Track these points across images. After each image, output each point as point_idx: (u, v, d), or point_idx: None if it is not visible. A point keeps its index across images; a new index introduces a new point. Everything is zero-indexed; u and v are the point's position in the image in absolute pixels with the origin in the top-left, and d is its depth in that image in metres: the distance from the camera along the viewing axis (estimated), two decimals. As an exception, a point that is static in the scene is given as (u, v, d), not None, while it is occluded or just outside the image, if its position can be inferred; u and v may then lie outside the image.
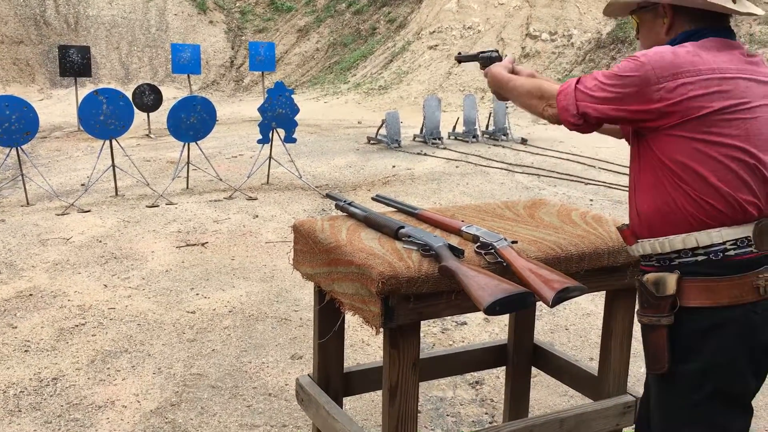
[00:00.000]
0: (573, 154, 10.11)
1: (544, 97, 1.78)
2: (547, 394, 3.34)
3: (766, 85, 1.64)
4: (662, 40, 1.73)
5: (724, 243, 1.59)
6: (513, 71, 1.98)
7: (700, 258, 1.61)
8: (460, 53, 2.45)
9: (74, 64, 13.45)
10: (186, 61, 14.32)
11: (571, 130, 1.74)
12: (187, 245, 5.74)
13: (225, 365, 3.61)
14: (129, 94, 10.56)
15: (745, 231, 1.60)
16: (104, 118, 7.14)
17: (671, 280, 1.62)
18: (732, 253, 1.59)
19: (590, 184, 8.25)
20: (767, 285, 1.60)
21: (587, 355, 3.77)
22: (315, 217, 6.23)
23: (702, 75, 1.57)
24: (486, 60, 2.15)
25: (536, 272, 1.74)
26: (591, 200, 7.43)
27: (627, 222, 1.80)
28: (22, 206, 7.07)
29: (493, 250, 1.89)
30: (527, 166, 9.41)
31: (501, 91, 1.96)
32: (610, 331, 2.28)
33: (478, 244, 1.94)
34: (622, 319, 2.25)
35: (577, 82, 1.70)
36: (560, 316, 4.33)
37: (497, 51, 2.16)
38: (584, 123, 1.69)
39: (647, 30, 1.78)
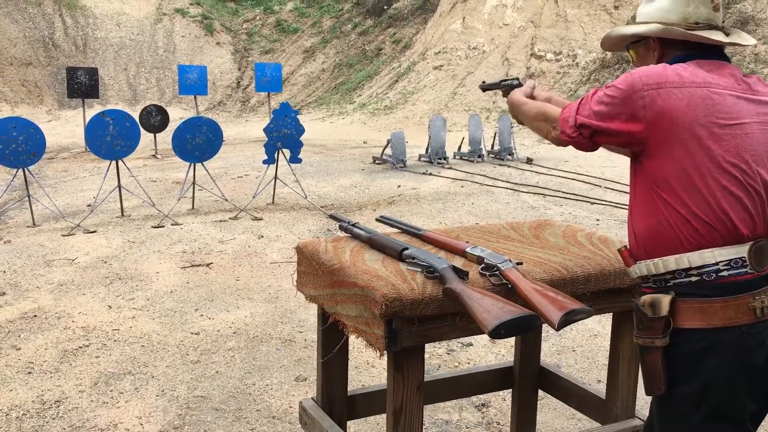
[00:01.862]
0: (579, 174, 10.09)
1: (548, 119, 1.80)
2: (554, 417, 3.30)
3: (758, 104, 1.65)
4: None
5: (717, 263, 1.58)
6: (531, 96, 2.01)
7: (693, 279, 1.59)
8: (484, 82, 2.49)
9: (82, 85, 13.58)
10: (193, 82, 14.42)
11: (567, 144, 1.74)
12: (192, 266, 5.73)
13: (229, 387, 3.58)
14: (136, 115, 10.63)
15: (740, 251, 1.58)
16: (111, 139, 7.17)
17: (665, 301, 1.60)
18: (725, 273, 1.58)
19: (596, 203, 8.22)
20: (763, 306, 1.58)
21: (595, 378, 3.73)
22: (320, 237, 6.21)
23: (686, 86, 1.59)
24: (507, 87, 2.18)
25: (542, 294, 1.72)
26: (597, 220, 7.40)
27: (626, 243, 1.80)
28: (28, 227, 7.08)
29: (497, 272, 1.87)
30: (533, 186, 9.39)
31: (516, 116, 1.99)
32: (618, 354, 2.25)
33: (483, 265, 1.92)
34: (629, 341, 2.22)
35: (584, 97, 1.72)
36: (567, 337, 4.28)
37: (518, 79, 2.20)
38: (579, 136, 1.69)
39: (642, 62, 1.83)
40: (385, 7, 23.89)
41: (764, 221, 1.63)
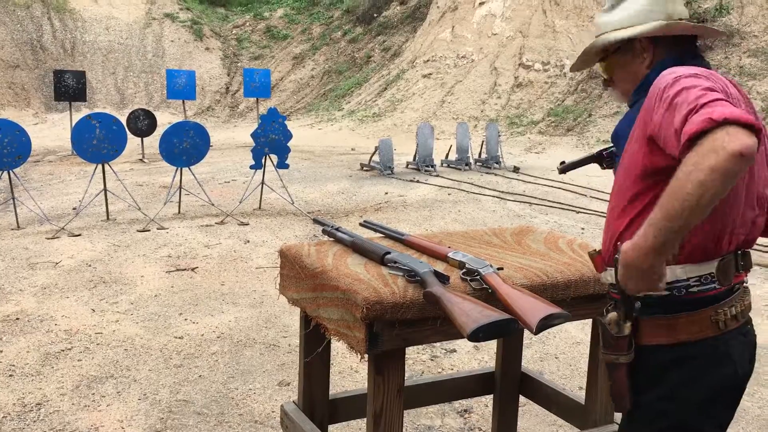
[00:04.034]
0: (564, 183, 10.15)
1: (714, 149, 1.25)
2: (536, 423, 3.32)
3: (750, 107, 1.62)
4: (642, 75, 1.70)
5: (687, 279, 1.55)
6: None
7: (664, 293, 1.53)
8: (563, 162, 2.16)
9: (69, 88, 13.52)
10: (181, 86, 14.39)
11: (759, 136, 1.30)
12: (177, 270, 5.72)
13: (212, 391, 3.57)
14: (124, 119, 10.60)
15: (709, 267, 1.55)
16: (97, 142, 7.15)
17: (627, 325, 1.57)
18: (695, 289, 1.55)
19: (582, 212, 8.28)
20: (726, 319, 1.56)
21: (577, 384, 3.75)
22: (304, 242, 6.21)
23: (731, 98, 1.47)
24: (611, 156, 1.94)
25: (521, 299, 1.73)
26: (582, 228, 7.45)
27: (598, 249, 1.73)
28: (12, 230, 7.03)
29: (478, 277, 1.89)
30: (519, 194, 9.44)
31: (695, 207, 1.30)
32: (597, 360, 2.27)
33: (464, 270, 1.94)
34: (608, 347, 2.25)
35: (697, 109, 1.32)
36: (550, 344, 4.31)
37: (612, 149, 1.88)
38: (753, 116, 1.34)
39: (624, 72, 1.74)
40: (375, 15, 23.96)
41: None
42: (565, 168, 2.15)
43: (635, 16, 1.68)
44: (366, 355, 1.81)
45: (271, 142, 7.78)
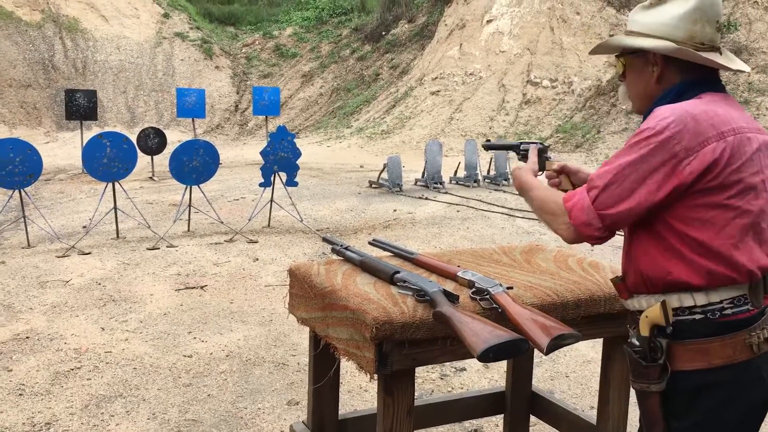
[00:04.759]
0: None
1: (556, 213, 1.65)
2: (547, 443, 3.28)
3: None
4: (652, 88, 1.70)
5: (721, 302, 1.55)
6: (564, 170, 1.94)
7: (697, 317, 1.55)
8: (488, 140, 2.35)
9: (80, 107, 13.65)
10: (191, 105, 14.50)
11: (593, 245, 1.63)
12: (186, 288, 5.72)
13: (221, 411, 3.56)
14: (134, 138, 10.68)
15: (741, 289, 1.56)
16: (107, 161, 7.19)
17: (661, 345, 1.57)
18: (729, 312, 1.55)
19: (591, 229, 8.24)
20: (760, 342, 1.55)
21: (588, 404, 3.72)
22: (315, 260, 6.20)
23: (726, 138, 1.53)
24: (526, 153, 2.05)
25: (531, 318, 1.73)
26: (591, 247, 7.41)
27: (620, 275, 1.74)
28: (23, 248, 7.07)
29: (488, 296, 1.88)
30: (528, 211, 9.41)
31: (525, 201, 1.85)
32: (608, 379, 2.26)
33: (474, 289, 1.93)
34: (620, 366, 2.23)
35: (589, 190, 1.58)
36: (560, 363, 4.28)
37: (542, 142, 2.08)
38: (609, 235, 1.59)
39: (636, 75, 1.74)
40: (384, 33, 24.12)
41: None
42: (489, 146, 2.31)
43: (659, 27, 1.66)
44: (375, 375, 1.81)
45: (281, 159, 7.81)
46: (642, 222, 1.61)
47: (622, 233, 1.71)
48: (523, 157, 2.06)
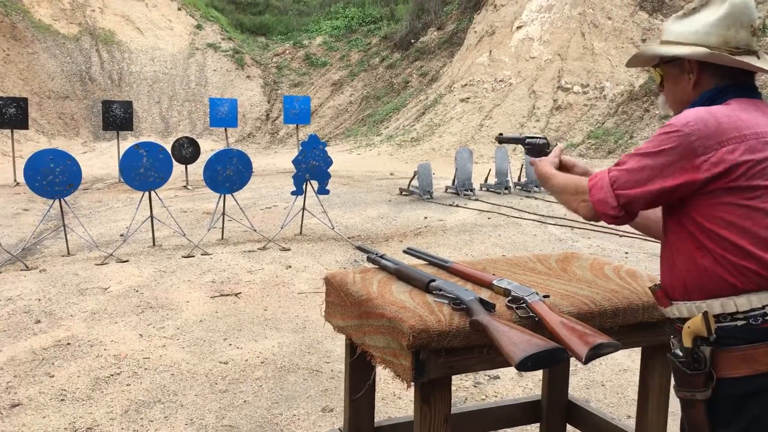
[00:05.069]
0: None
1: (578, 192, 1.75)
2: (583, 453, 3.26)
3: None
4: (688, 94, 1.72)
5: (763, 308, 1.55)
6: (564, 164, 1.99)
7: (739, 323, 1.56)
8: (501, 134, 2.46)
9: (117, 118, 13.92)
10: (223, 114, 14.70)
11: (610, 223, 1.70)
12: (221, 295, 5.80)
13: (256, 417, 3.60)
14: (168, 147, 10.85)
15: None
16: (144, 170, 7.33)
17: (705, 353, 1.57)
18: None
19: (625, 236, 8.16)
20: None
21: (624, 413, 3.68)
22: (347, 268, 6.23)
23: (747, 141, 1.55)
24: (532, 146, 2.14)
25: (569, 327, 1.73)
26: (626, 253, 7.34)
27: (658, 283, 1.76)
28: (62, 256, 7.23)
29: (524, 305, 1.88)
30: (560, 218, 9.35)
31: (546, 189, 1.99)
32: (647, 389, 2.24)
33: (510, 298, 1.94)
34: (659, 376, 2.21)
35: (609, 171, 1.67)
36: (596, 371, 4.24)
37: (545, 138, 2.16)
38: (625, 214, 1.66)
39: (672, 84, 1.77)
40: (413, 41, 24.19)
41: None
42: (502, 139, 2.39)
43: (693, 34, 1.69)
44: (412, 383, 1.82)
45: (312, 168, 7.88)
46: (674, 225, 1.65)
47: (659, 241, 1.73)
48: (529, 150, 2.16)
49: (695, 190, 1.57)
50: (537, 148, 2.13)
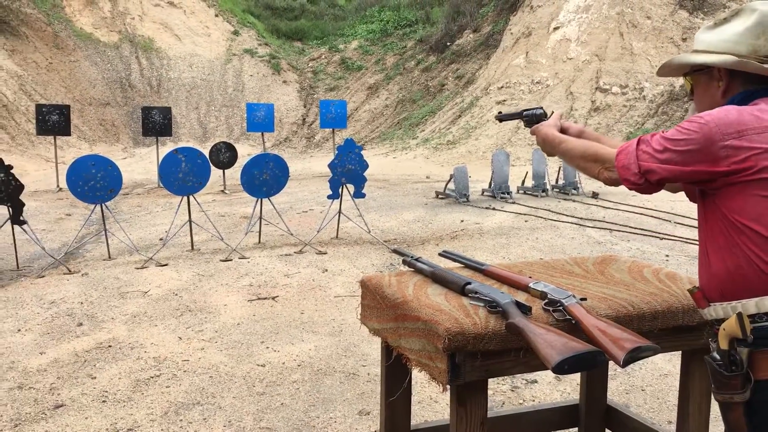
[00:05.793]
0: (647, 208, 9.87)
1: (600, 159, 1.80)
2: (623, 459, 3.20)
3: None
4: (718, 102, 1.73)
5: None
6: (562, 128, 2.02)
7: None
8: (500, 112, 2.47)
9: (156, 124, 14.18)
10: (260, 119, 14.86)
11: (630, 189, 1.74)
12: (258, 299, 5.86)
13: (293, 419, 3.63)
14: (206, 152, 11.01)
15: None
16: (183, 175, 7.45)
17: (742, 355, 1.55)
18: None
19: (666, 239, 8.01)
20: None
21: (665, 418, 3.61)
22: (383, 271, 6.24)
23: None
24: (530, 118, 2.17)
25: (606, 331, 1.71)
26: (666, 256, 7.21)
27: (697, 285, 1.76)
28: (104, 260, 7.39)
29: (561, 308, 1.86)
30: (599, 221, 9.23)
31: (552, 152, 2.00)
32: (688, 393, 2.20)
33: (546, 301, 1.92)
34: (699, 380, 2.17)
35: (639, 141, 1.70)
36: (636, 376, 4.17)
37: (542, 108, 2.19)
38: (645, 182, 1.68)
39: (702, 91, 1.79)
40: (448, 44, 24.13)
41: None
42: (501, 117, 2.39)
43: (723, 43, 1.72)
44: (448, 386, 1.81)
45: (348, 172, 7.91)
46: (707, 224, 1.68)
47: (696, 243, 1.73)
48: (527, 122, 2.18)
49: (722, 184, 1.59)
50: (535, 119, 2.16)
